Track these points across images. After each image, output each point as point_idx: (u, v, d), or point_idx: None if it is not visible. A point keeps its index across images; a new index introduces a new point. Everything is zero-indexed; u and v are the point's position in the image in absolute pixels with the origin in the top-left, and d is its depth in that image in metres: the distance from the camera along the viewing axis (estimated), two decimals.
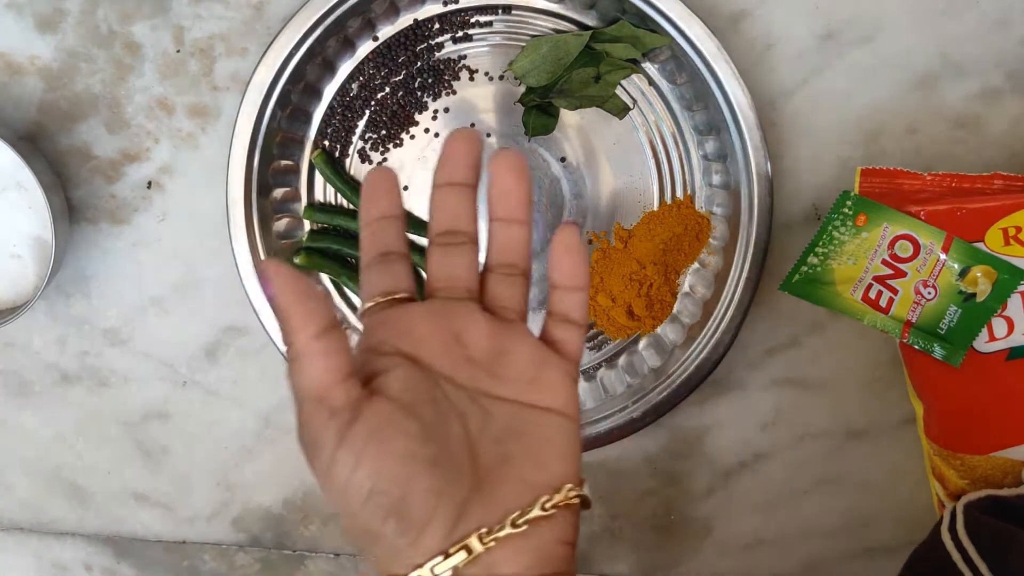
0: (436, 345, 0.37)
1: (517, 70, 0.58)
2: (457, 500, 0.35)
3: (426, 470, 0.34)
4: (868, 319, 0.54)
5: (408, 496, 0.34)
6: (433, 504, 0.35)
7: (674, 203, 0.60)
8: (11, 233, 0.59)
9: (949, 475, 0.54)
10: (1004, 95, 0.58)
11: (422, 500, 0.34)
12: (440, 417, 0.36)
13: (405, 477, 0.34)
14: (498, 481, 0.36)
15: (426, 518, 0.35)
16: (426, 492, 0.34)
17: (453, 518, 0.35)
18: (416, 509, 0.34)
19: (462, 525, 0.35)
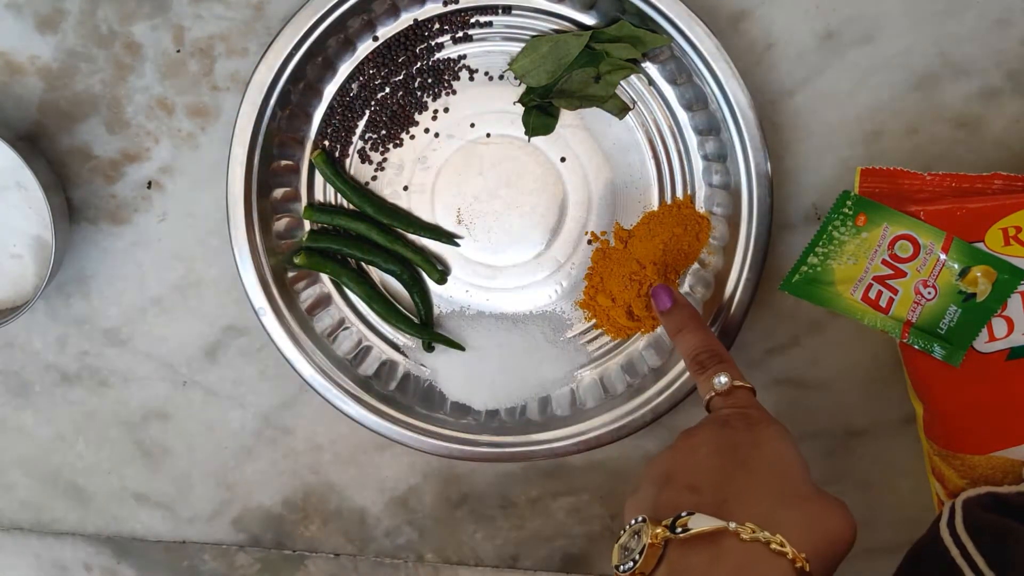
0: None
1: (517, 70, 0.58)
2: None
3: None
4: (868, 319, 0.54)
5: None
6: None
7: (674, 203, 0.60)
8: (11, 233, 0.59)
9: (949, 475, 0.54)
10: (1004, 95, 0.58)
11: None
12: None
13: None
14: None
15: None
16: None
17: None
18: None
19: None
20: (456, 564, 0.65)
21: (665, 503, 0.44)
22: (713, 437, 0.46)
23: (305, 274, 0.61)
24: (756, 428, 0.47)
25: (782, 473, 0.45)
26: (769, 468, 0.45)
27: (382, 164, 0.60)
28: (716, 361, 0.50)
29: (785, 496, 0.44)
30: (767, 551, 0.40)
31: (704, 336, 0.52)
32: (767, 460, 0.45)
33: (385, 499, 0.64)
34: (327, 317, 0.61)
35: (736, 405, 0.48)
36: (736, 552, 0.40)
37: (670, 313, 0.55)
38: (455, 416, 0.60)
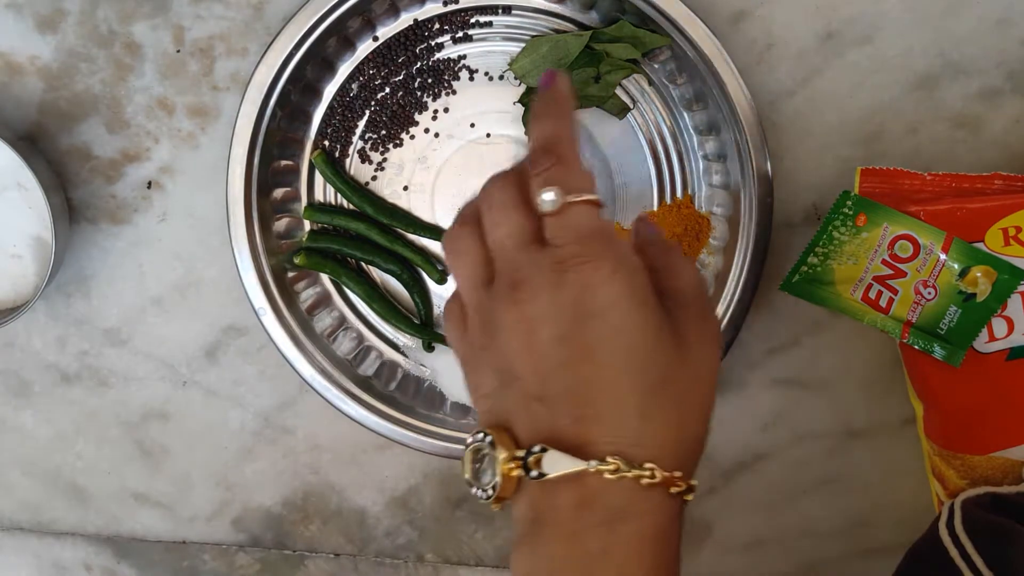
0: None
1: (517, 70, 0.58)
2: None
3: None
4: (868, 319, 0.54)
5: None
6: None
7: (674, 203, 0.60)
8: (11, 233, 0.59)
9: (949, 475, 0.54)
10: (1004, 95, 0.58)
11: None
12: None
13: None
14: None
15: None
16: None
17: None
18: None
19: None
20: (456, 564, 0.65)
21: (513, 417, 0.37)
22: (552, 308, 0.36)
23: (305, 274, 0.61)
24: (596, 281, 0.35)
25: (638, 358, 0.36)
26: (624, 357, 0.36)
27: (382, 164, 0.60)
28: (552, 161, 0.37)
29: (647, 397, 0.36)
30: (637, 486, 0.35)
31: (557, 129, 0.38)
32: (619, 342, 0.36)
33: (385, 499, 0.64)
34: (327, 317, 0.61)
35: (575, 236, 0.36)
36: (603, 494, 0.35)
37: (539, 95, 0.40)
38: (455, 416, 0.60)
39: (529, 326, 0.36)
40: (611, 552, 0.35)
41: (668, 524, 0.37)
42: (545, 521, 0.36)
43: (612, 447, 0.35)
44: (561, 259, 0.36)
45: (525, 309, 0.36)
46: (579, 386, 0.36)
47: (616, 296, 0.35)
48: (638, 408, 0.36)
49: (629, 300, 0.36)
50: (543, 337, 0.36)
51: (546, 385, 0.36)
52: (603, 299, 0.35)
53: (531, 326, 0.36)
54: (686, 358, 0.37)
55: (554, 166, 0.37)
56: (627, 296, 0.36)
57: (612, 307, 0.35)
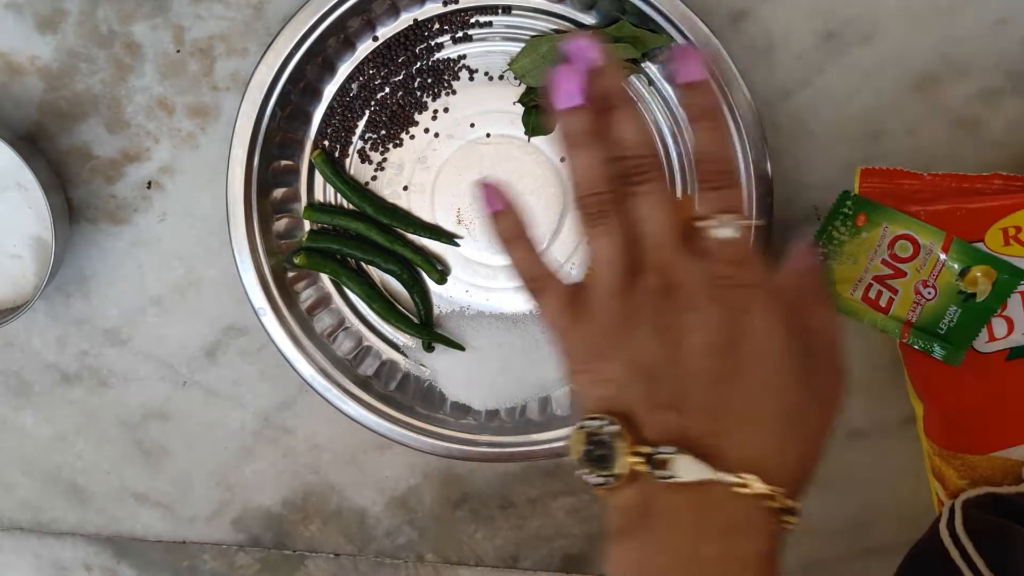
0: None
1: (517, 70, 0.58)
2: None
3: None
4: (868, 319, 0.54)
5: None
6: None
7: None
8: (11, 233, 0.59)
9: (949, 475, 0.54)
10: (1004, 95, 0.58)
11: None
12: None
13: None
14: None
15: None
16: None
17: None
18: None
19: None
20: (456, 564, 0.65)
21: (641, 415, 0.37)
22: (707, 321, 0.37)
23: (305, 274, 0.61)
24: (751, 308, 0.37)
25: (782, 387, 0.37)
26: (768, 384, 0.37)
27: (382, 164, 0.60)
28: (724, 183, 0.38)
29: (784, 426, 0.37)
30: (758, 506, 0.36)
31: (724, 142, 0.39)
32: (766, 369, 0.37)
33: (385, 499, 0.64)
34: (327, 317, 0.61)
35: (736, 257, 0.38)
36: (727, 505, 0.36)
37: (694, 90, 0.40)
38: (455, 416, 0.60)
39: (680, 334, 0.37)
40: (727, 561, 0.36)
41: (777, 548, 0.37)
42: (662, 517, 0.36)
43: (745, 465, 0.36)
44: (722, 276, 0.37)
45: (680, 315, 0.37)
46: (719, 405, 0.37)
47: (771, 324, 0.37)
48: (775, 431, 0.37)
49: (781, 329, 0.37)
50: (693, 348, 0.37)
51: (687, 396, 0.37)
52: (758, 324, 0.37)
53: (682, 334, 0.37)
54: (815, 395, 0.39)
55: (730, 188, 0.38)
56: (780, 325, 0.37)
57: (765, 333, 0.37)
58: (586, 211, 0.38)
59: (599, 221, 0.38)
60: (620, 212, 0.38)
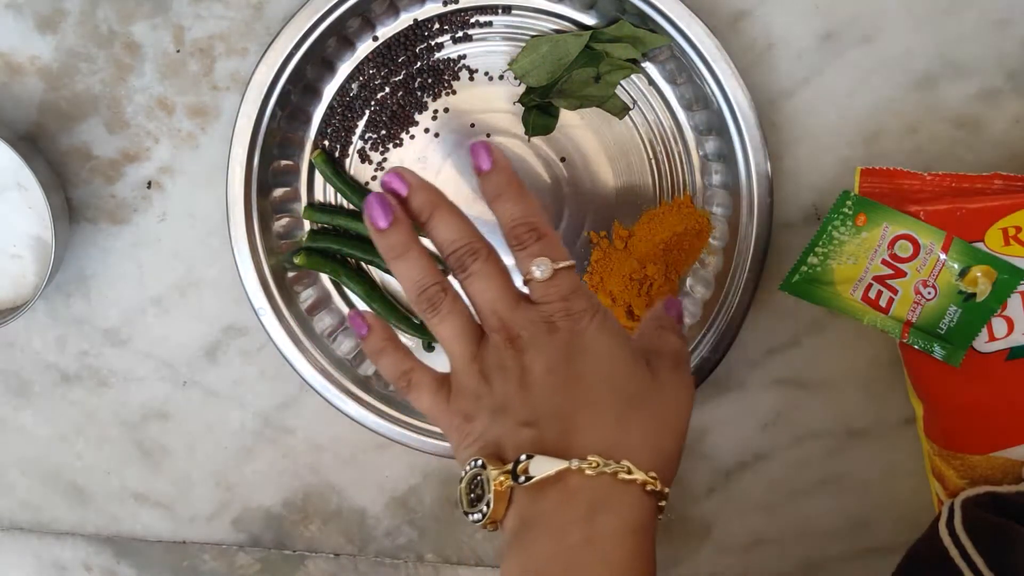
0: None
1: (517, 70, 0.58)
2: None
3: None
4: (868, 319, 0.54)
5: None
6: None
7: (674, 203, 0.60)
8: (11, 233, 0.59)
9: (949, 475, 0.54)
10: (1004, 95, 0.58)
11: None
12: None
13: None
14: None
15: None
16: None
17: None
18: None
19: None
20: (456, 564, 0.65)
21: (504, 442, 0.41)
22: (544, 350, 0.42)
23: (305, 274, 0.61)
24: (582, 328, 0.42)
25: (617, 380, 0.42)
26: (604, 379, 0.41)
27: (382, 164, 0.60)
28: (535, 238, 0.43)
29: (624, 409, 0.41)
30: (615, 481, 0.39)
31: (525, 206, 0.44)
32: (601, 369, 0.42)
33: (385, 499, 0.64)
34: (327, 317, 0.61)
35: (560, 295, 0.43)
36: (584, 490, 0.39)
37: (488, 176, 0.44)
38: None
39: (526, 368, 0.42)
40: (593, 541, 0.39)
41: (646, 520, 0.40)
42: (532, 523, 0.40)
43: (591, 448, 0.40)
44: (550, 314, 0.42)
45: (523, 356, 0.42)
46: (564, 406, 0.41)
47: (597, 334, 0.42)
48: (615, 416, 0.41)
49: (608, 335, 0.42)
50: (536, 373, 0.42)
51: (536, 410, 0.41)
52: (588, 338, 0.42)
53: (527, 368, 0.42)
54: (661, 387, 0.43)
55: (538, 242, 0.43)
56: (607, 332, 0.42)
57: (595, 342, 0.42)
58: (420, 308, 0.44)
59: (434, 312, 0.43)
60: (455, 297, 0.44)
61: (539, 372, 0.41)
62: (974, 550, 0.44)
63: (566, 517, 0.39)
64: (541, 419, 0.41)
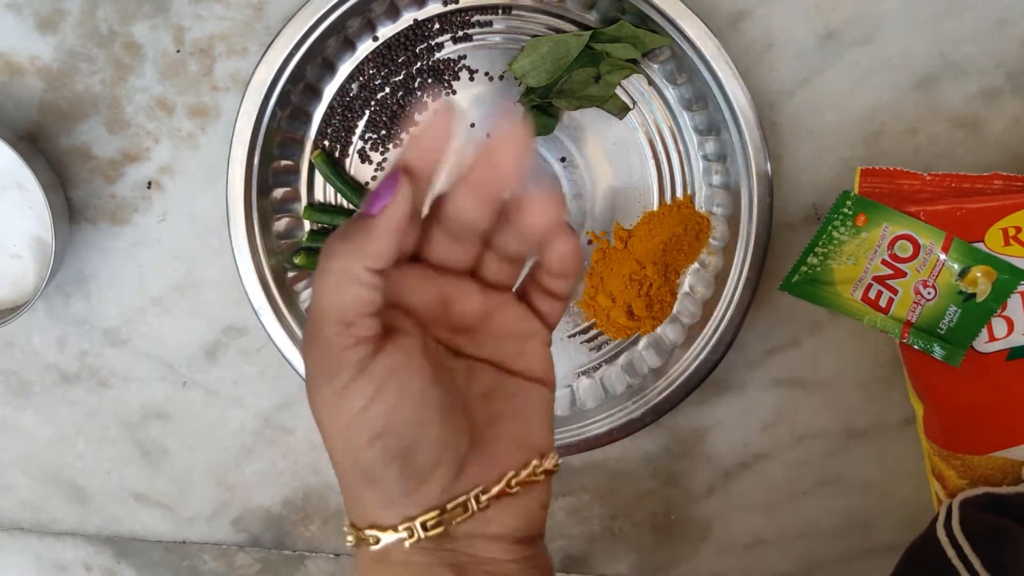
0: (430, 304, 0.37)
1: (517, 70, 0.58)
2: (460, 453, 0.35)
3: (438, 417, 0.34)
4: (868, 319, 0.54)
5: (419, 441, 0.33)
6: (439, 454, 0.34)
7: (674, 203, 0.60)
8: (11, 233, 0.59)
9: (949, 475, 0.54)
10: (1004, 95, 0.58)
11: (430, 448, 0.34)
12: (442, 370, 0.36)
13: (418, 421, 0.33)
14: (492, 440, 0.36)
15: (430, 468, 0.34)
16: (435, 440, 0.34)
17: (454, 472, 0.35)
18: (423, 457, 0.34)
19: (462, 481, 0.35)
20: None
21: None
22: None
23: (305, 274, 0.61)
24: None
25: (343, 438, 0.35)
26: (340, 446, 0.36)
27: (382, 164, 0.60)
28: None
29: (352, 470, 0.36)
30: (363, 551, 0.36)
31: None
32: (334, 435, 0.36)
33: None
34: None
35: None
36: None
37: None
38: None
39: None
40: None
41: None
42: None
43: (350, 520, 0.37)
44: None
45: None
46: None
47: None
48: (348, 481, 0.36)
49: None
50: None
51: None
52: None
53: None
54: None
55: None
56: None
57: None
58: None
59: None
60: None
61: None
62: (971, 551, 0.44)
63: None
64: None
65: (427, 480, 0.34)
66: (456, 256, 0.38)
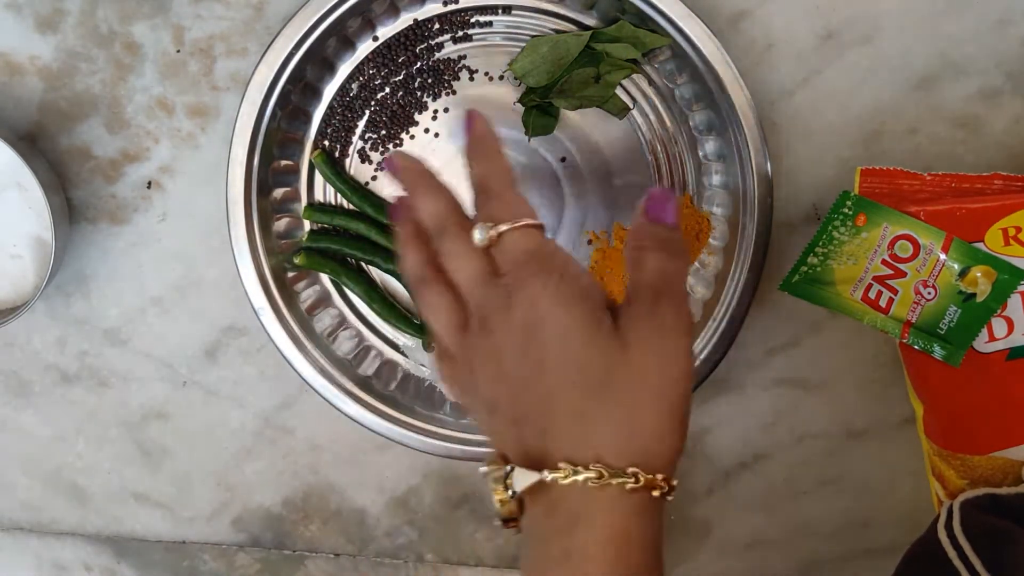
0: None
1: (517, 70, 0.58)
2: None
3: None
4: (868, 319, 0.54)
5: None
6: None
7: None
8: (11, 233, 0.59)
9: (949, 475, 0.54)
10: (1004, 95, 0.58)
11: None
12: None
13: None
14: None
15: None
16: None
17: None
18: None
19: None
20: (456, 564, 0.65)
21: (503, 442, 0.39)
22: (509, 331, 0.38)
23: (305, 274, 0.61)
24: (535, 298, 0.38)
25: (574, 363, 0.37)
26: (562, 365, 0.37)
27: (382, 164, 0.60)
28: (484, 200, 0.42)
29: (586, 401, 0.37)
30: (588, 489, 0.36)
31: (483, 167, 0.43)
32: (557, 351, 0.38)
33: (385, 499, 0.64)
34: (327, 317, 0.61)
35: (512, 262, 0.39)
36: (564, 500, 0.37)
37: (467, 140, 0.45)
38: (455, 416, 0.60)
39: (497, 354, 0.39)
40: (570, 556, 0.36)
41: (631, 524, 0.37)
42: (527, 532, 0.38)
43: (562, 453, 0.37)
44: (507, 285, 0.39)
45: (493, 340, 0.39)
46: (539, 401, 0.38)
47: (551, 305, 0.38)
48: (578, 412, 0.37)
49: (563, 303, 0.38)
50: (506, 363, 0.39)
51: (516, 407, 0.38)
52: (543, 311, 0.38)
53: (498, 354, 0.39)
54: (629, 354, 0.38)
55: (487, 203, 0.41)
56: (561, 300, 0.38)
57: (549, 316, 0.38)
58: (414, 299, 0.43)
59: (427, 300, 0.41)
60: (442, 280, 0.41)
61: (508, 361, 0.38)
62: (972, 552, 0.44)
63: (549, 528, 0.37)
64: (521, 418, 0.38)
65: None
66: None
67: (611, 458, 0.36)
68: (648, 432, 0.37)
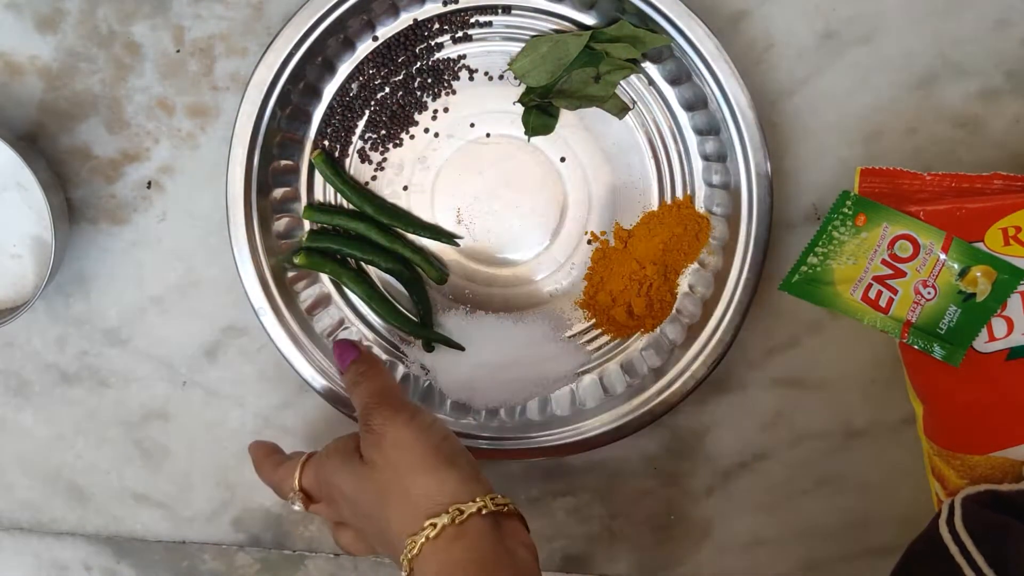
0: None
1: (517, 70, 0.58)
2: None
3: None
4: (868, 319, 0.54)
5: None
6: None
7: (674, 203, 0.60)
8: (11, 233, 0.59)
9: (949, 475, 0.54)
10: (1004, 95, 0.58)
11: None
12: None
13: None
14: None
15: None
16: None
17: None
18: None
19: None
20: None
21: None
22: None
23: (305, 274, 0.61)
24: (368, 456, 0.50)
25: (350, 499, 0.50)
26: (348, 499, 0.50)
27: (382, 164, 0.61)
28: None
29: (361, 522, 0.51)
30: (431, 541, 0.46)
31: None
32: (340, 492, 0.51)
33: None
34: (327, 317, 0.61)
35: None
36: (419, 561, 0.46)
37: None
38: (455, 416, 0.60)
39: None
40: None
41: (455, 552, 0.46)
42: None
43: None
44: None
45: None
46: (367, 522, 0.52)
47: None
48: (359, 533, 0.53)
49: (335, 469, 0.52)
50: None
51: (366, 530, 0.53)
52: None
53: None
54: (371, 469, 0.49)
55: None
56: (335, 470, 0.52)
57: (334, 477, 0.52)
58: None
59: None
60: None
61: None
62: (974, 547, 0.44)
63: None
64: (369, 536, 0.52)
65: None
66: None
67: (393, 555, 0.48)
68: (395, 524, 0.47)
